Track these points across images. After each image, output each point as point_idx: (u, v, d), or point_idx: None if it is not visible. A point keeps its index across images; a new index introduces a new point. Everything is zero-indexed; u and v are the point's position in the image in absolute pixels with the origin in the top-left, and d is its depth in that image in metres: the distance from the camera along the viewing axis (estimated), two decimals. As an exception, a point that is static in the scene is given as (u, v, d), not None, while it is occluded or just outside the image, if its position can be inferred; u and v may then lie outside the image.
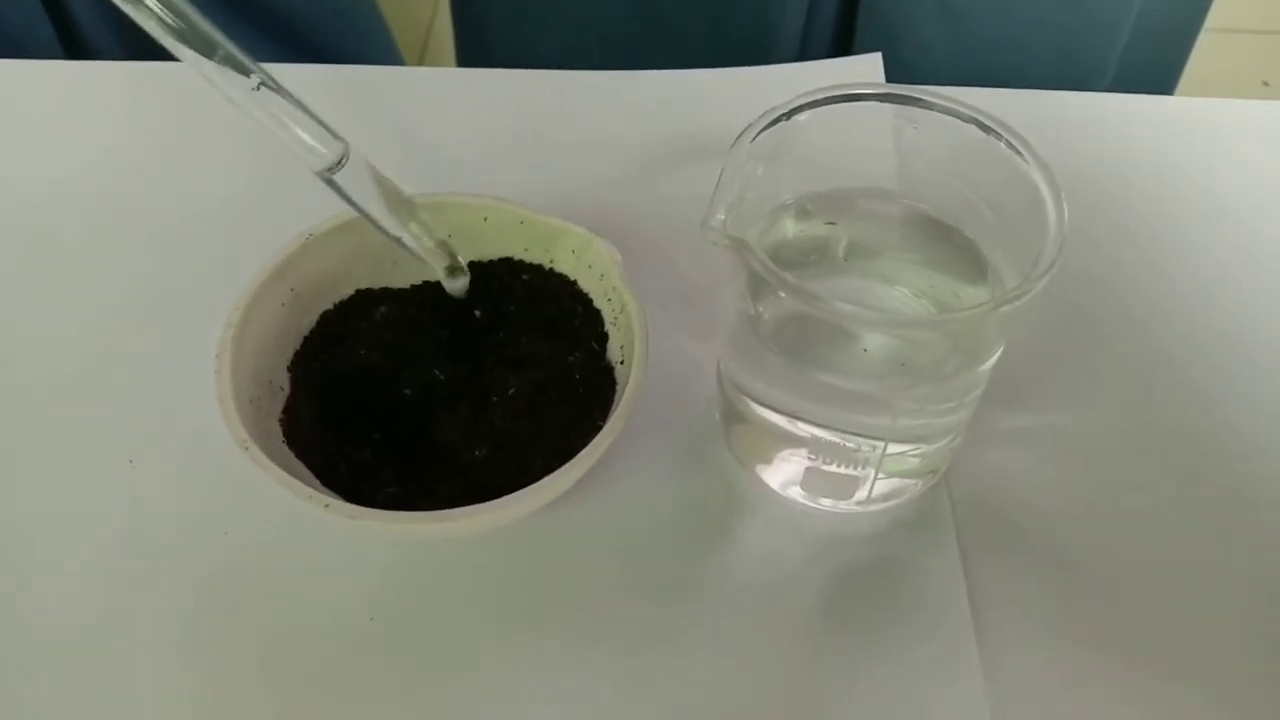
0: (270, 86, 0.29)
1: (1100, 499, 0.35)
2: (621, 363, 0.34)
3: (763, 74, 0.49)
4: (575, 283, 0.37)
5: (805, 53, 0.62)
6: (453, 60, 0.75)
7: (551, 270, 0.37)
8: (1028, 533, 0.35)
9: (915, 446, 0.32)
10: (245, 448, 0.30)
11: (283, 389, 0.34)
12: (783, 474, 0.34)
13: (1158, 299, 0.41)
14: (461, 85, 0.50)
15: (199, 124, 0.46)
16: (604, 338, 0.36)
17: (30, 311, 0.40)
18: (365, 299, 0.37)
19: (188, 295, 0.40)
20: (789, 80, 0.48)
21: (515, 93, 0.48)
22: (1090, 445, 0.37)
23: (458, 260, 0.35)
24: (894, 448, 0.32)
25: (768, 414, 0.33)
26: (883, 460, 0.32)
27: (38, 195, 0.44)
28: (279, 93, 0.29)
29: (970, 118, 0.31)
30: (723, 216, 0.28)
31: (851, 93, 0.31)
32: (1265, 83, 1.47)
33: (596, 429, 0.31)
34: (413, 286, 0.37)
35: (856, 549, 0.34)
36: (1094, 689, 0.31)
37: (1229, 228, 0.43)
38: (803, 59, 0.62)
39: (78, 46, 0.68)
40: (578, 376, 0.34)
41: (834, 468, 0.33)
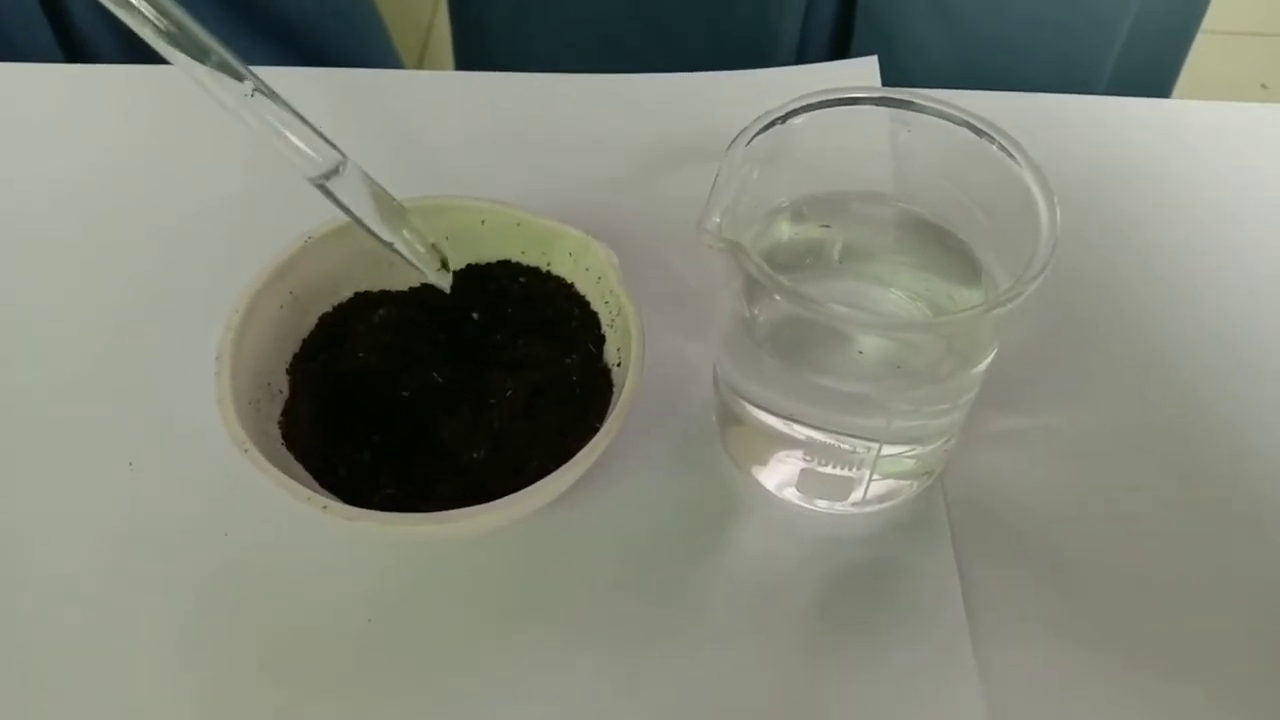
0: (264, 93, 0.29)
1: (1094, 500, 0.35)
2: (618, 365, 0.34)
3: (759, 77, 0.49)
4: (572, 285, 0.37)
5: (803, 55, 0.62)
6: (452, 61, 0.75)
7: (549, 273, 0.37)
8: (1022, 534, 0.35)
9: (910, 448, 0.33)
10: (245, 450, 0.30)
11: (282, 391, 0.34)
12: (778, 475, 0.35)
13: (1152, 301, 0.41)
14: (460, 88, 0.50)
15: (198, 127, 0.46)
16: (601, 340, 0.36)
17: (30, 314, 0.40)
18: (364, 301, 0.37)
19: (187, 298, 0.40)
20: (785, 83, 0.49)
21: (513, 95, 0.49)
22: (1084, 446, 0.37)
23: (447, 265, 0.35)
24: (889, 449, 0.32)
25: (763, 416, 0.33)
26: (878, 462, 0.32)
27: (38, 198, 0.44)
28: (273, 99, 0.29)
29: (963, 121, 0.31)
30: (718, 219, 0.29)
31: (846, 96, 0.31)
32: (1264, 85, 1.47)
33: (593, 431, 0.31)
34: (411, 289, 0.37)
35: (852, 550, 0.34)
36: (1089, 689, 0.32)
37: (1225, 230, 0.43)
38: (800, 61, 0.62)
39: (77, 49, 0.68)
40: (575, 379, 0.34)
41: (829, 469, 0.33)
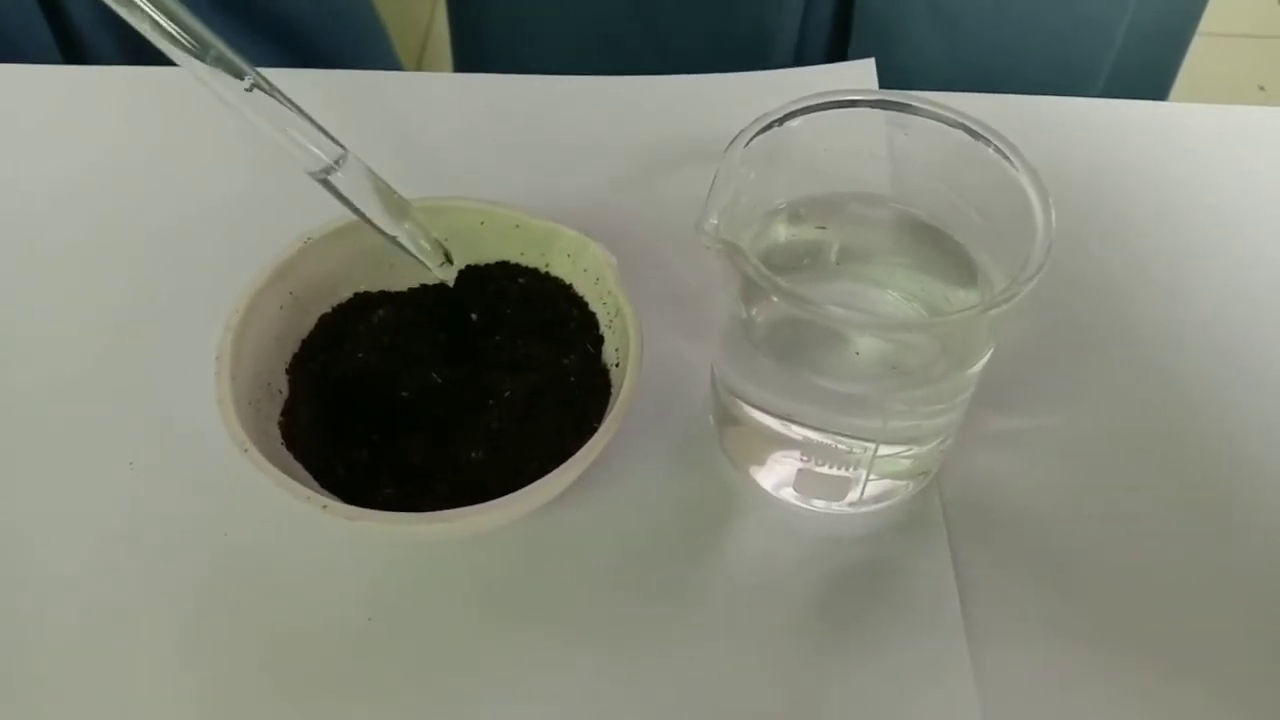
0: (263, 89, 0.29)
1: (1090, 500, 0.36)
2: (617, 365, 0.35)
3: (757, 79, 0.49)
4: (571, 286, 0.37)
5: (801, 56, 0.62)
6: (450, 62, 0.75)
7: (547, 274, 0.37)
8: (1018, 533, 0.35)
9: (906, 448, 0.33)
10: (245, 450, 0.30)
11: (281, 391, 0.35)
12: (776, 475, 0.35)
13: (1148, 303, 0.41)
14: (459, 89, 0.50)
15: (198, 128, 0.47)
16: (599, 340, 0.36)
17: (31, 314, 0.41)
18: (363, 302, 0.37)
19: (187, 298, 0.40)
20: (783, 85, 0.49)
21: (512, 97, 0.49)
22: (1080, 447, 0.37)
23: (450, 258, 0.35)
24: (885, 449, 0.32)
25: (760, 416, 0.33)
26: (874, 462, 0.32)
27: (38, 198, 0.44)
28: (273, 95, 0.29)
29: (958, 123, 0.31)
30: (716, 221, 0.29)
31: (843, 99, 0.32)
32: (1261, 87, 1.47)
33: (592, 431, 0.31)
34: (410, 290, 0.38)
35: (849, 550, 0.34)
36: (1084, 687, 0.32)
37: (1221, 232, 0.43)
38: (798, 63, 0.62)
39: (76, 50, 0.68)
40: (573, 379, 0.35)
41: (826, 469, 0.33)
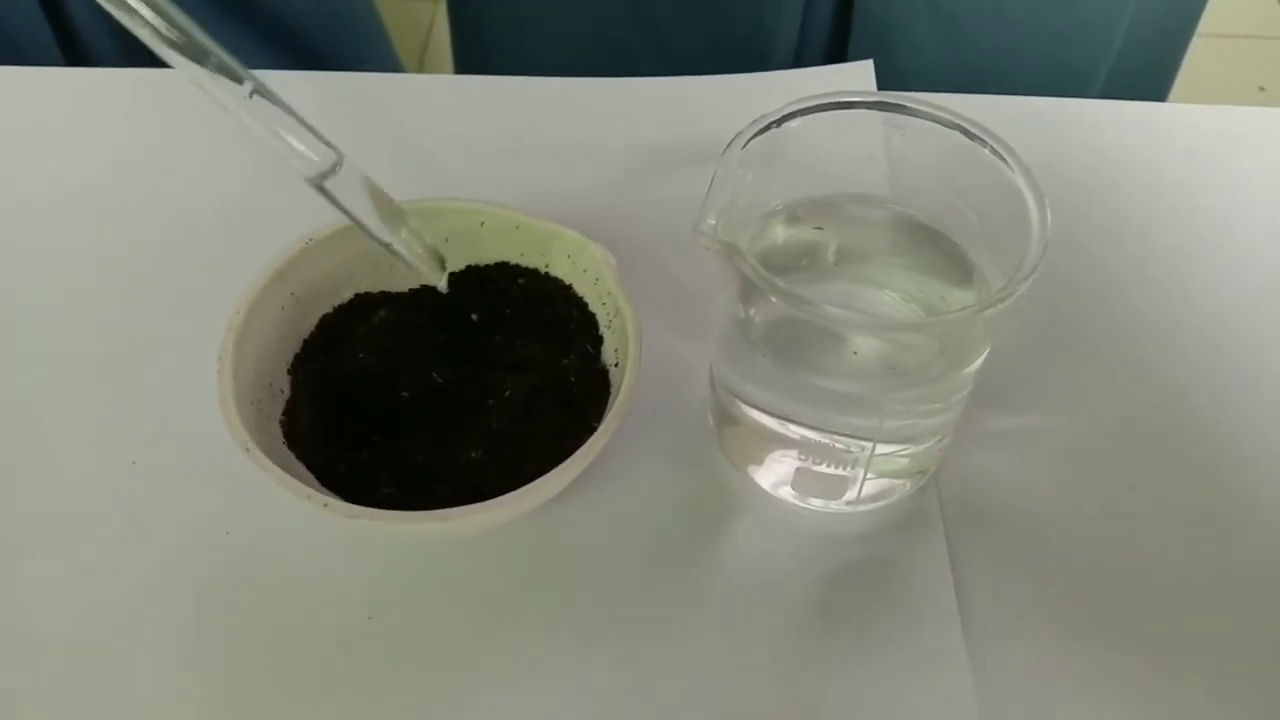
0: (263, 94, 0.29)
1: (1087, 499, 0.36)
2: (616, 365, 0.35)
3: (755, 81, 0.49)
4: (570, 286, 0.37)
5: (800, 58, 0.62)
6: (451, 63, 0.75)
7: (547, 274, 0.38)
8: (1015, 532, 0.35)
9: (903, 447, 0.33)
10: (246, 449, 0.31)
11: (283, 391, 0.35)
12: (774, 474, 0.35)
13: (1145, 304, 0.41)
14: (459, 91, 0.50)
15: (200, 130, 0.47)
16: (599, 341, 0.36)
17: (33, 314, 0.41)
18: (364, 303, 0.37)
19: (189, 299, 0.41)
20: (781, 87, 0.49)
21: (512, 99, 0.49)
22: (1077, 447, 0.37)
23: (444, 266, 0.35)
24: (882, 448, 0.32)
25: (759, 415, 0.33)
26: (871, 461, 0.32)
27: (40, 200, 0.45)
28: (272, 100, 0.29)
29: (955, 124, 0.31)
30: (714, 222, 0.29)
31: (840, 100, 0.32)
32: (1261, 88, 1.47)
33: (591, 431, 0.32)
34: (411, 291, 0.38)
35: (847, 548, 0.35)
36: (1081, 685, 0.32)
37: (1218, 233, 0.44)
38: (797, 64, 0.62)
39: (77, 52, 0.68)
40: (573, 379, 0.35)
41: (824, 468, 0.33)
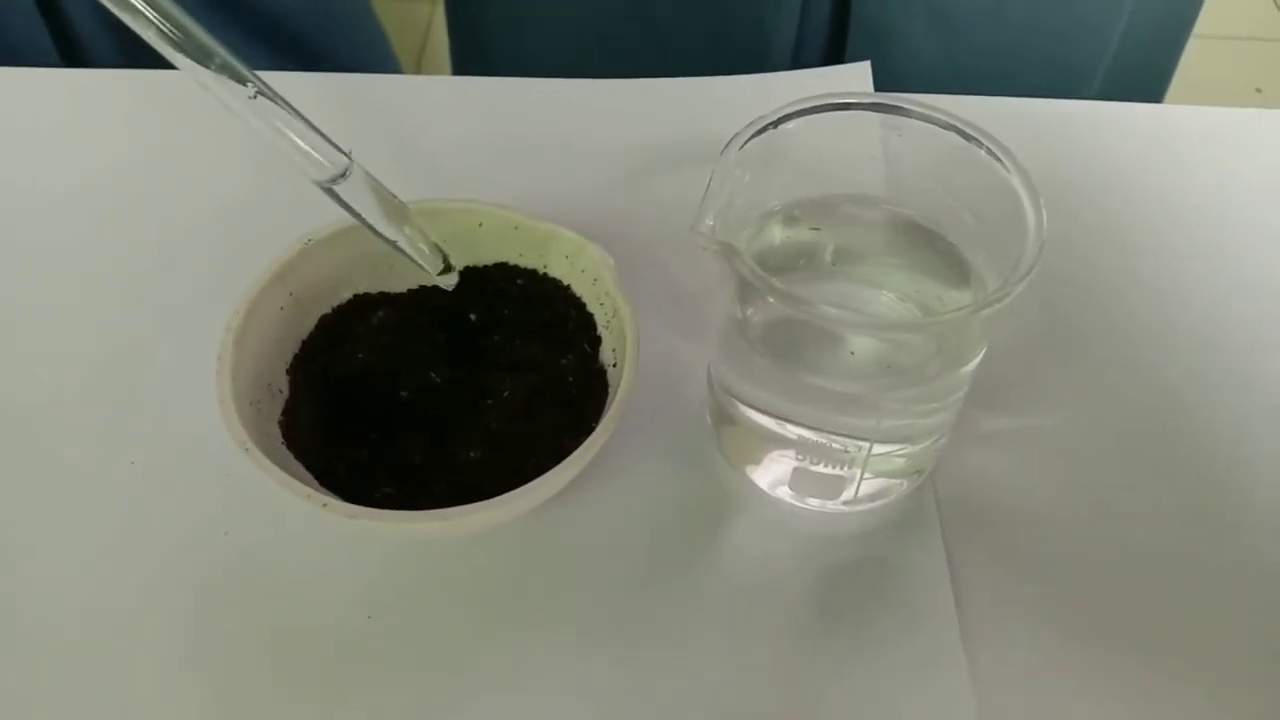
0: (268, 96, 0.29)
1: (1083, 499, 0.36)
2: (614, 365, 0.35)
3: (753, 82, 0.49)
4: (569, 287, 0.37)
5: (798, 59, 0.62)
6: (449, 64, 0.75)
7: (545, 275, 0.38)
8: (1012, 531, 0.35)
9: (900, 447, 0.33)
10: (246, 449, 0.31)
11: (282, 392, 0.35)
12: (771, 474, 0.35)
13: (1142, 305, 0.41)
14: (457, 92, 0.50)
15: (199, 131, 0.47)
16: (597, 341, 0.36)
17: (33, 316, 0.41)
18: (363, 303, 0.37)
19: (189, 299, 0.41)
20: (779, 88, 0.49)
21: (510, 100, 0.49)
22: (1074, 446, 0.37)
23: (450, 263, 0.35)
24: (879, 448, 0.32)
25: (756, 415, 0.33)
26: (868, 460, 0.33)
27: (41, 200, 0.45)
28: (278, 103, 0.30)
29: (950, 125, 0.31)
30: (711, 222, 0.29)
31: (837, 101, 0.32)
32: (1258, 89, 1.48)
33: (590, 430, 0.32)
34: (410, 291, 0.38)
35: (844, 548, 0.35)
36: (1078, 684, 0.32)
37: (1213, 233, 0.44)
38: (795, 65, 0.62)
39: (75, 53, 0.68)
40: (571, 379, 0.35)
41: (821, 468, 0.33)
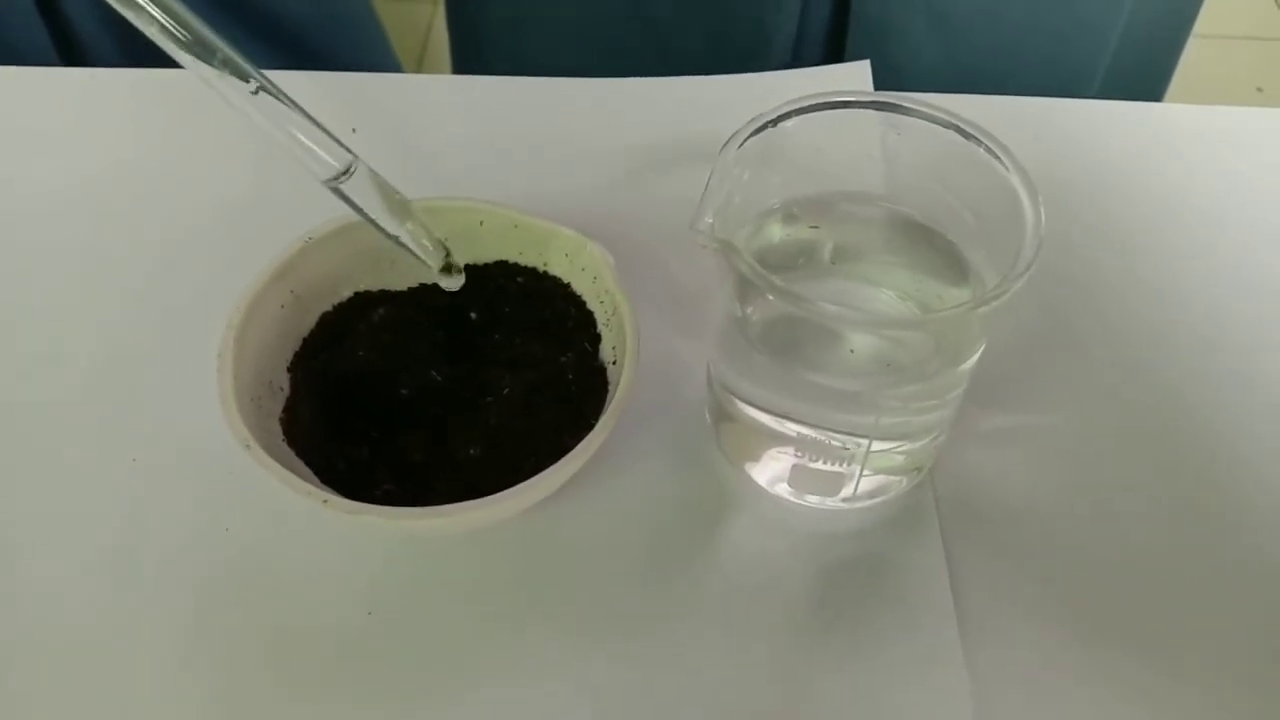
0: (269, 92, 0.29)
1: (1081, 496, 0.36)
2: (614, 363, 0.35)
3: (753, 81, 0.49)
4: (569, 285, 0.37)
5: (798, 58, 0.62)
6: (449, 64, 0.75)
7: (545, 273, 0.38)
8: (1010, 529, 0.35)
9: (899, 444, 0.33)
10: (247, 446, 0.31)
11: (283, 389, 0.35)
12: (770, 471, 0.35)
13: (1139, 302, 0.41)
14: (457, 91, 0.50)
15: (200, 130, 0.47)
16: (597, 339, 0.36)
17: (34, 314, 0.41)
18: (364, 301, 0.37)
19: (189, 299, 0.41)
20: (779, 87, 0.49)
21: (510, 99, 0.49)
22: (1072, 444, 0.37)
23: (453, 259, 0.35)
24: (878, 445, 0.32)
25: (755, 413, 0.34)
26: (867, 457, 0.33)
27: (40, 200, 0.45)
28: (280, 99, 0.30)
29: (949, 124, 0.31)
30: (710, 220, 0.29)
31: (836, 100, 0.32)
32: (1259, 89, 1.48)
33: (589, 428, 0.32)
34: (410, 289, 0.38)
35: (843, 545, 0.35)
36: (1076, 682, 0.32)
37: (1213, 233, 0.44)
38: (795, 64, 0.62)
39: (74, 52, 0.68)
40: (571, 377, 0.35)
41: (820, 465, 0.33)
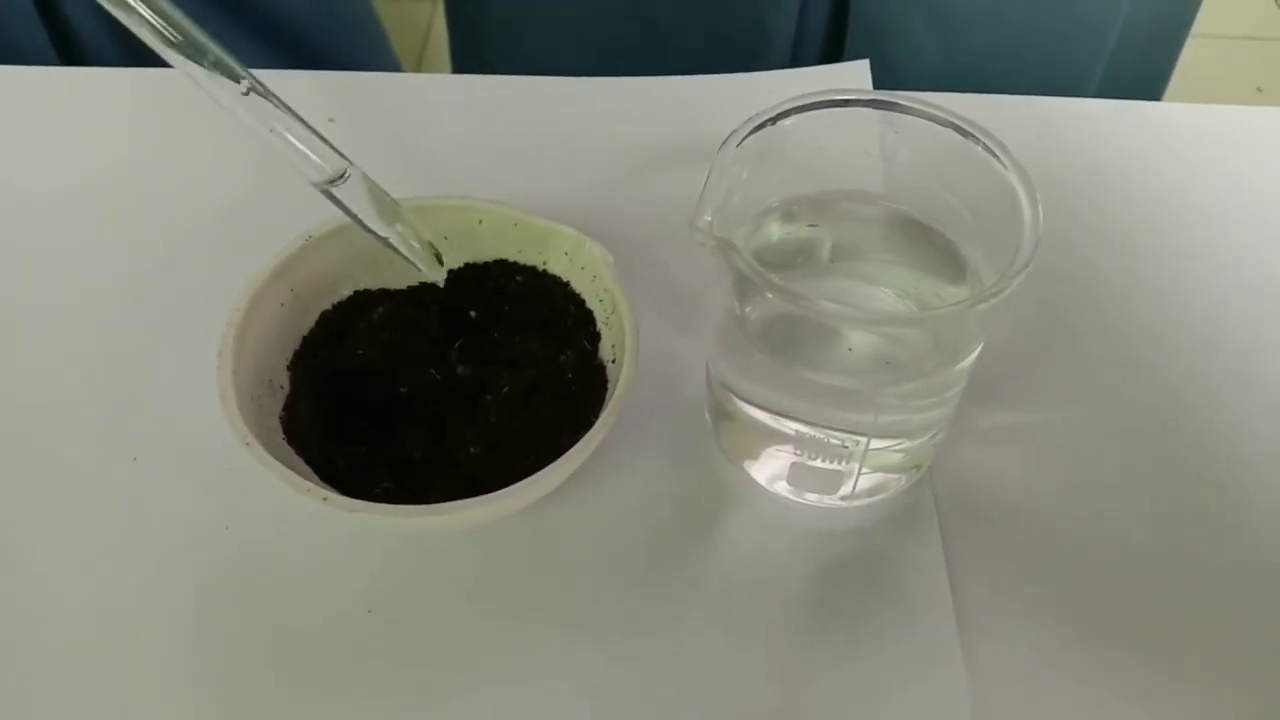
0: (259, 93, 0.29)
1: (1080, 494, 0.36)
2: (613, 361, 0.35)
3: (752, 80, 0.49)
4: (568, 283, 0.37)
5: (797, 57, 0.63)
6: (449, 64, 0.75)
7: (545, 271, 0.38)
8: (1009, 527, 0.35)
9: (898, 442, 0.33)
10: (246, 444, 0.31)
11: (283, 387, 0.35)
12: (769, 469, 0.35)
13: (1138, 302, 0.41)
14: (457, 90, 0.50)
15: (200, 130, 0.47)
16: (596, 337, 0.36)
17: (34, 312, 0.41)
18: (363, 299, 0.38)
19: (190, 296, 0.41)
20: (778, 86, 0.49)
21: (510, 98, 0.49)
22: (1071, 442, 0.37)
23: (440, 259, 0.35)
24: (877, 443, 0.32)
25: (754, 411, 0.34)
26: (866, 455, 0.33)
27: (40, 200, 0.45)
28: (271, 101, 0.30)
29: (948, 122, 0.31)
30: (709, 218, 0.29)
31: (835, 98, 0.32)
32: (1259, 89, 1.48)
33: (588, 426, 0.32)
34: (410, 288, 0.38)
35: (842, 543, 0.35)
36: (1075, 680, 0.32)
37: (1212, 232, 0.44)
38: (794, 64, 0.62)
39: (73, 51, 0.68)
40: (570, 375, 0.35)
41: (819, 463, 0.33)
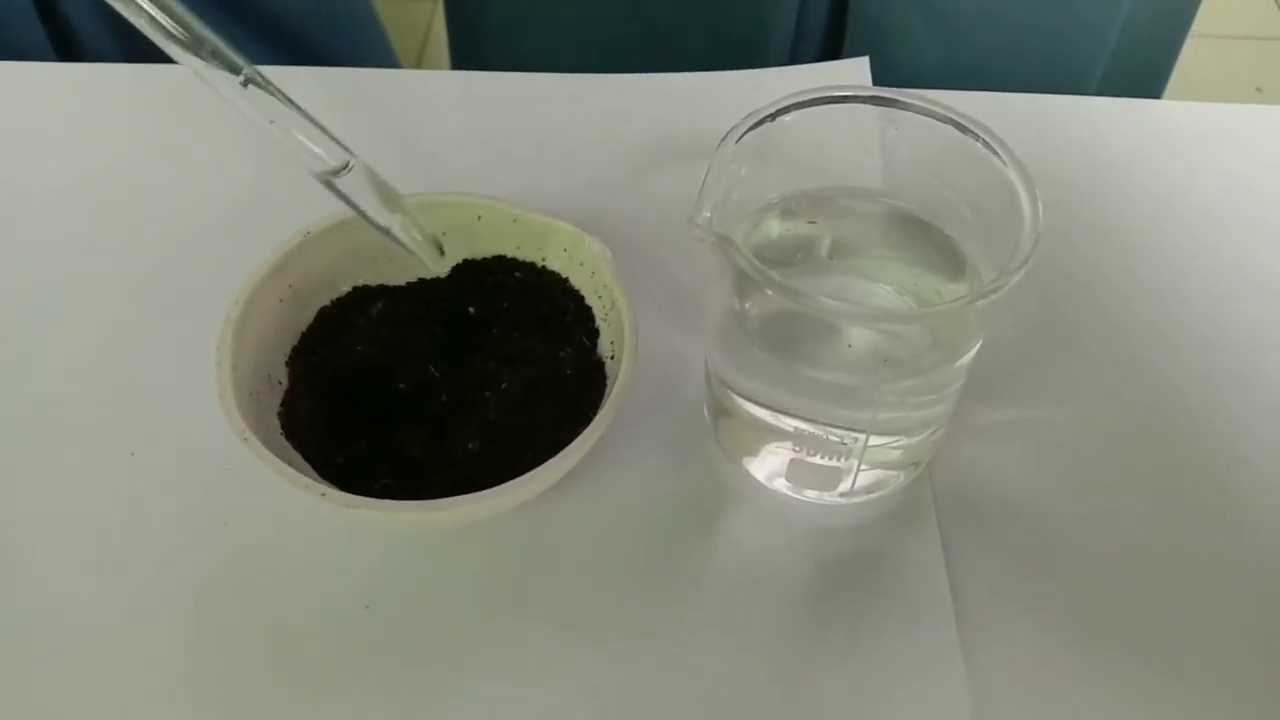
0: (258, 84, 0.29)
1: (1079, 492, 0.36)
2: (612, 358, 0.35)
3: (751, 77, 0.50)
4: (567, 280, 0.37)
5: (796, 55, 0.63)
6: (449, 63, 0.75)
7: (544, 268, 0.38)
8: (1009, 524, 0.35)
9: (897, 439, 0.33)
10: (245, 439, 0.31)
11: (281, 383, 0.35)
12: (768, 466, 0.35)
13: (1138, 300, 0.41)
14: (457, 87, 0.50)
15: (200, 128, 0.47)
16: (595, 334, 0.36)
17: (34, 308, 0.41)
18: (362, 295, 0.38)
19: (190, 295, 0.41)
20: (777, 83, 0.49)
21: (510, 95, 0.49)
22: (1071, 440, 0.37)
23: (441, 251, 0.35)
24: (876, 440, 0.32)
25: (753, 408, 0.34)
26: (865, 452, 0.33)
27: (41, 196, 0.45)
28: (270, 92, 0.30)
29: (948, 119, 0.31)
30: (708, 214, 0.29)
31: (834, 95, 0.32)
32: (1259, 89, 1.48)
33: (587, 423, 0.32)
34: (409, 284, 0.38)
35: (841, 540, 0.35)
36: (1074, 678, 0.32)
37: (1212, 231, 0.44)
38: (794, 61, 0.63)
39: (71, 48, 0.68)
40: (569, 372, 0.35)
41: (818, 459, 0.33)
